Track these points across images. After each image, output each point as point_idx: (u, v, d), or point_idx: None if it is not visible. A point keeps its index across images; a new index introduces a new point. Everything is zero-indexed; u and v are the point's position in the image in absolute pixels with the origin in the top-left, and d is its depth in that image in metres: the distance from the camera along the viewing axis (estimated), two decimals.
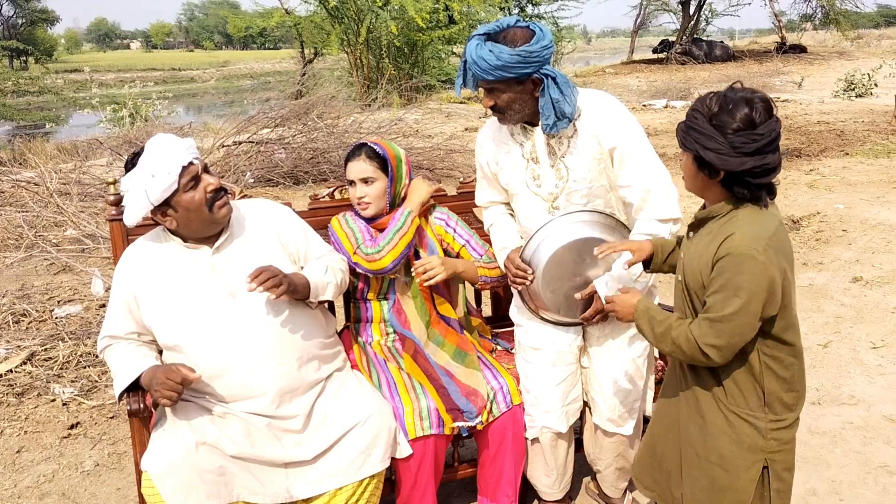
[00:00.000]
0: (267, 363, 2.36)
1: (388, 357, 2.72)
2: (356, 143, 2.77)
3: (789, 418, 1.93)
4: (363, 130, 10.16)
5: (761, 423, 1.90)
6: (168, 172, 2.27)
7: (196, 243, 2.42)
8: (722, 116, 1.78)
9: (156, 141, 2.34)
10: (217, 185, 2.37)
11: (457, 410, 2.50)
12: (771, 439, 1.91)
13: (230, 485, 2.28)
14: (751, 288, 1.77)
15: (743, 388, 1.90)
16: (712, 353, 1.84)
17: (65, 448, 3.43)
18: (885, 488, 2.97)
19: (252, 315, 2.38)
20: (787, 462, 1.96)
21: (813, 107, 15.02)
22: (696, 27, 30.66)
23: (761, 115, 1.78)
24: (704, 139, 1.79)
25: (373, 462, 2.40)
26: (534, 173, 2.47)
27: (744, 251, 1.77)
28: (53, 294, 5.28)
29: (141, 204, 2.29)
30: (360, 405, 2.45)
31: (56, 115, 24.81)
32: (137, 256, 2.45)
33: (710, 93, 1.87)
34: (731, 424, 1.92)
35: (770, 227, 1.83)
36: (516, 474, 2.66)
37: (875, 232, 6.38)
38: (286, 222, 2.61)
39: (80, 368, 4.10)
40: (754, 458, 1.92)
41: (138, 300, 2.40)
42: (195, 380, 2.25)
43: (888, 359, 4.06)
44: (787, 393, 1.91)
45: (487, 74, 2.25)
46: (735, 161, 1.77)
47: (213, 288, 2.38)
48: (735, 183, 1.83)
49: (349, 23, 18.10)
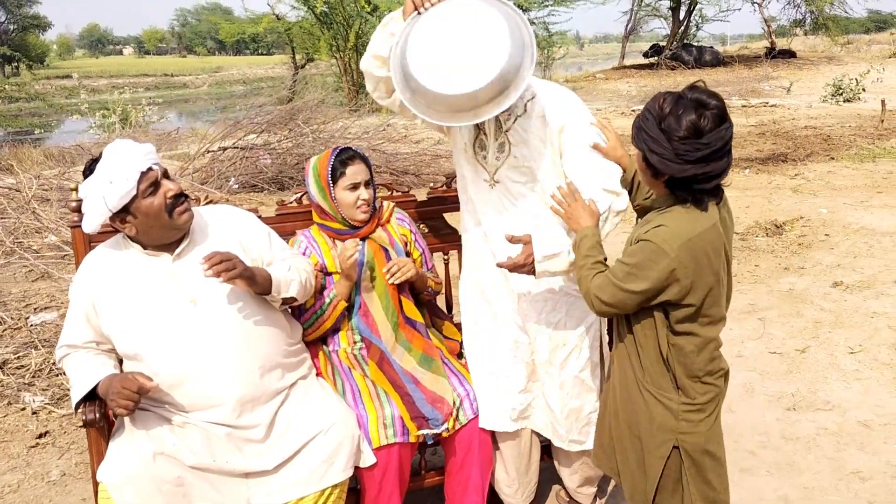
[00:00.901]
0: (228, 372, 2.33)
1: (354, 365, 2.69)
2: (338, 147, 2.73)
3: (700, 401, 1.98)
4: (350, 136, 10.14)
5: (673, 405, 1.98)
6: (126, 178, 2.24)
7: (156, 250, 2.39)
8: (670, 120, 1.79)
9: (114, 147, 2.31)
10: (177, 191, 2.34)
11: (422, 418, 2.47)
12: (682, 420, 1.98)
13: (189, 495, 2.24)
14: (654, 277, 1.86)
15: (656, 371, 2.00)
16: (598, 305, 1.98)
17: (32, 458, 3.38)
18: (856, 494, 2.95)
19: (213, 322, 2.34)
20: (697, 444, 2.00)
21: (801, 112, 15.06)
22: (686, 32, 30.75)
23: (709, 123, 1.77)
24: (651, 142, 1.82)
25: (335, 471, 2.37)
26: (481, 142, 2.47)
27: (660, 244, 1.85)
28: (30, 301, 5.23)
29: (99, 210, 2.26)
30: (323, 414, 2.42)
31: (46, 122, 24.75)
32: (96, 264, 2.42)
33: (667, 92, 1.87)
34: (647, 402, 2.02)
35: (697, 228, 1.87)
36: (483, 482, 2.63)
37: (857, 236, 6.38)
38: (249, 228, 2.57)
39: (52, 377, 4.05)
40: (664, 437, 2.00)
41: (97, 308, 2.36)
42: (152, 388, 2.22)
43: (865, 364, 4.04)
44: (688, 379, 1.97)
45: None
46: (676, 168, 1.80)
47: (173, 295, 2.35)
48: (677, 187, 1.87)
49: (338, 28, 18.10)
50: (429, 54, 2.19)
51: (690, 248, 1.85)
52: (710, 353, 1.98)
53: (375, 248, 2.71)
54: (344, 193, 2.64)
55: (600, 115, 15.40)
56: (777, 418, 3.52)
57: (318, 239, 2.74)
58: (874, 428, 3.42)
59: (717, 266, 1.90)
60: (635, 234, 1.97)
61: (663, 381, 1.99)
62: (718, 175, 1.83)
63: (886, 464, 3.14)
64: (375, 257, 2.70)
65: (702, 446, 2.01)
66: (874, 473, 3.08)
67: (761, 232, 6.59)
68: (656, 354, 1.99)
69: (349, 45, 17.73)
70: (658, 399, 2.00)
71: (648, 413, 2.02)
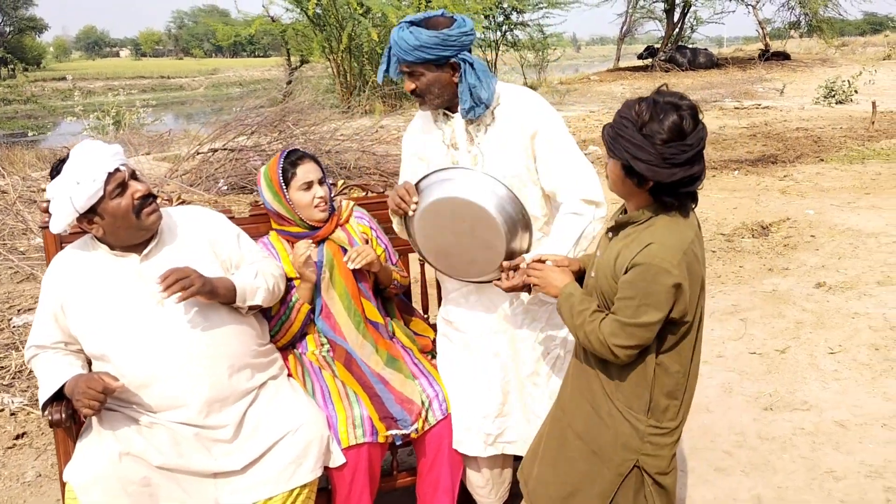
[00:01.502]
0: (195, 372, 2.33)
1: (324, 366, 2.69)
2: (286, 149, 2.73)
3: (668, 427, 1.97)
4: (341, 137, 10.14)
5: (641, 426, 1.95)
6: (93, 179, 2.24)
7: (124, 251, 2.39)
8: (652, 125, 1.77)
9: (81, 147, 2.31)
10: (145, 192, 2.34)
11: (390, 419, 2.47)
12: (647, 442, 1.96)
13: (155, 496, 2.24)
14: (661, 300, 1.82)
15: (632, 391, 1.95)
16: (619, 353, 1.88)
17: (8, 459, 3.38)
18: (829, 494, 2.96)
19: (181, 323, 2.34)
20: (658, 467, 1.98)
21: (793, 113, 15.09)
22: (680, 35, 30.80)
23: (689, 124, 1.77)
24: (635, 149, 1.79)
25: (304, 471, 2.37)
26: (453, 158, 2.47)
27: (658, 263, 1.80)
28: (14, 303, 5.23)
29: (66, 211, 2.26)
30: (292, 414, 2.42)
31: (41, 124, 24.73)
32: (65, 265, 2.42)
33: (638, 98, 1.86)
34: (613, 419, 1.98)
35: (687, 238, 1.86)
36: (453, 483, 2.63)
37: (843, 237, 6.40)
38: (219, 229, 2.58)
39: (31, 378, 4.04)
40: (626, 456, 1.97)
41: (65, 309, 2.36)
42: (118, 388, 2.21)
43: (844, 364, 4.05)
44: (668, 400, 1.95)
45: (407, 55, 2.31)
46: (665, 172, 1.78)
47: (140, 296, 2.35)
48: (663, 192, 1.84)
49: (331, 30, 18.12)
50: (439, 255, 2.44)
51: (687, 261, 1.83)
52: (692, 377, 1.98)
53: (335, 249, 2.70)
54: (298, 194, 2.63)
55: (594, 117, 15.43)
56: (754, 418, 3.52)
57: (277, 245, 2.73)
58: (850, 428, 3.43)
59: (702, 275, 1.91)
60: (618, 256, 1.90)
61: (637, 402, 1.95)
62: (699, 177, 1.83)
63: (861, 463, 3.15)
64: (335, 258, 2.69)
65: (663, 469, 1.99)
66: (848, 473, 3.09)
67: (747, 233, 6.60)
68: (639, 375, 1.93)
69: (342, 47, 17.75)
70: (626, 418, 1.96)
71: (613, 430, 1.98)
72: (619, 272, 1.87)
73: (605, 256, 1.96)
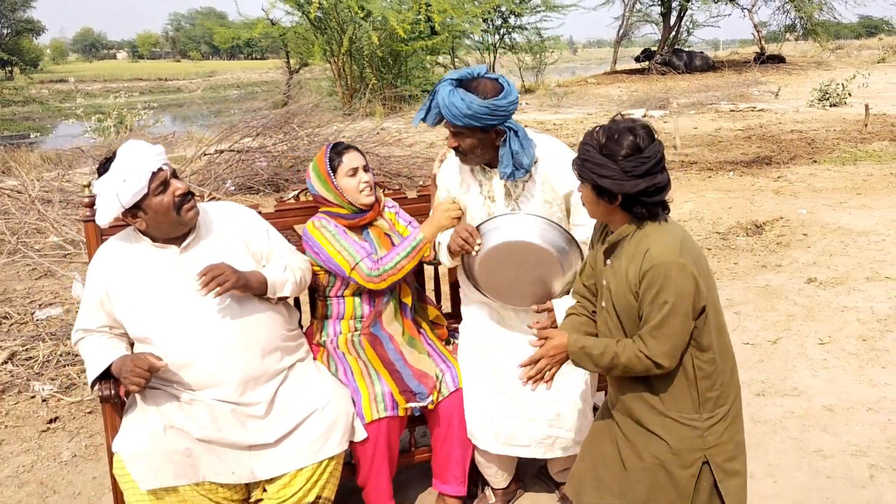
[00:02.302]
0: (231, 354, 2.54)
1: (349, 350, 2.90)
2: (331, 143, 2.94)
3: (720, 412, 2.07)
4: (344, 139, 10.35)
5: (698, 424, 2.05)
6: (139, 178, 2.45)
7: (165, 243, 2.60)
8: (610, 145, 1.97)
9: (127, 147, 2.51)
10: (185, 190, 2.55)
11: (409, 392, 2.68)
12: (709, 436, 2.05)
13: (196, 466, 2.44)
14: (677, 290, 1.94)
15: (678, 395, 2.05)
16: (664, 360, 1.98)
17: (43, 441, 3.58)
18: (817, 471, 3.17)
19: (217, 310, 2.55)
20: (726, 453, 2.08)
21: (787, 116, 15.33)
22: (677, 38, 31.05)
23: (644, 141, 1.97)
24: (599, 168, 1.98)
25: (331, 445, 2.58)
26: (489, 210, 2.71)
27: (664, 259, 1.95)
28: (35, 298, 5.42)
29: (113, 207, 2.47)
30: (319, 392, 2.63)
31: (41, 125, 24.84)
32: (109, 255, 2.62)
33: (596, 126, 2.06)
34: (669, 429, 2.06)
35: (678, 234, 2.03)
36: (464, 457, 2.84)
37: (834, 236, 6.61)
38: (250, 224, 2.79)
39: (59, 367, 4.25)
40: (694, 457, 2.05)
41: (110, 296, 2.57)
42: (162, 367, 2.42)
43: (833, 354, 4.27)
44: (712, 389, 2.05)
45: (457, 120, 2.51)
46: (630, 184, 1.96)
47: (180, 284, 2.55)
48: (633, 204, 2.01)
49: (332, 33, 18.32)
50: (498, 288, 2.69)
51: (689, 251, 1.98)
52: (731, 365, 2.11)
53: (380, 235, 2.94)
54: (346, 180, 2.84)
55: (591, 120, 15.65)
56: (747, 403, 3.69)
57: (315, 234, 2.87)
58: (838, 412, 3.64)
59: (705, 262, 2.05)
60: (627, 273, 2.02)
61: (686, 403, 2.04)
62: (664, 188, 2.00)
63: (847, 443, 3.36)
64: (381, 241, 2.92)
65: (731, 454, 2.09)
66: (835, 452, 3.30)
67: (742, 232, 6.82)
68: (681, 379, 2.04)
69: (343, 50, 17.95)
70: (682, 423, 2.04)
71: (674, 438, 2.05)
72: (634, 286, 2.01)
73: (611, 280, 2.10)
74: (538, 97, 22.10)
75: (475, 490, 2.99)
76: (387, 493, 2.77)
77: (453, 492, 2.85)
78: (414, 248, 2.80)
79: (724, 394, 2.08)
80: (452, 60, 22.83)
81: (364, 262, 2.78)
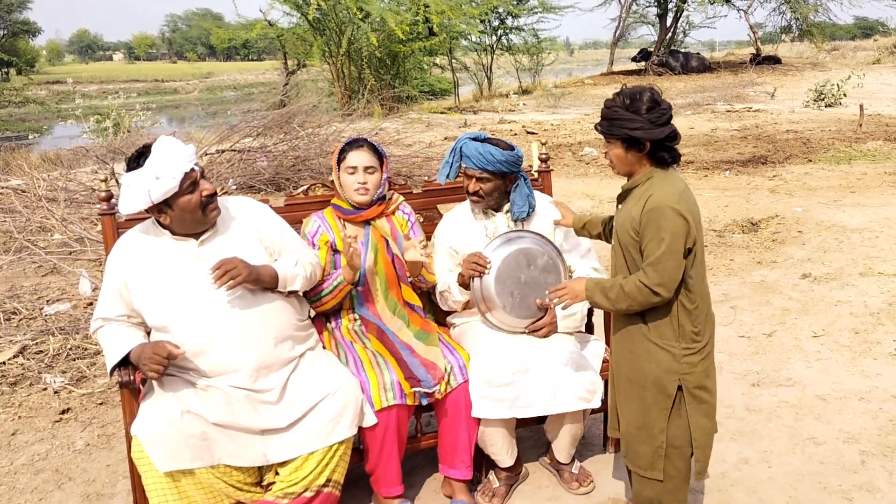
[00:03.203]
0: (245, 342, 2.63)
1: (355, 339, 2.99)
2: (352, 137, 3.06)
3: (696, 346, 2.42)
4: (344, 138, 10.41)
5: (675, 350, 2.41)
6: (172, 177, 2.53)
7: (184, 236, 2.68)
8: (634, 104, 2.34)
9: (161, 144, 2.57)
10: (211, 191, 2.64)
11: (415, 379, 2.77)
12: (683, 363, 2.41)
13: (212, 449, 2.53)
14: (672, 229, 2.28)
15: (663, 324, 2.41)
16: (661, 290, 2.32)
17: (57, 431, 3.66)
18: (810, 457, 3.26)
19: (232, 300, 2.64)
20: (697, 382, 2.42)
21: (783, 116, 15.46)
22: (673, 39, 31.19)
23: (658, 96, 2.37)
24: (629, 122, 2.33)
25: (341, 430, 2.67)
26: None
27: (662, 203, 2.29)
28: (42, 294, 5.50)
29: (141, 201, 2.54)
30: (329, 379, 2.72)
31: (39, 126, 24.90)
32: (129, 246, 2.71)
33: (614, 94, 2.42)
34: (651, 352, 2.43)
35: (679, 186, 2.37)
36: (471, 443, 2.92)
37: (828, 233, 6.72)
38: (264, 218, 2.88)
39: (69, 360, 4.33)
40: (670, 378, 2.42)
41: (129, 286, 2.65)
42: (179, 355, 2.51)
43: (826, 346, 4.37)
44: (692, 325, 2.41)
45: (489, 165, 2.96)
46: (657, 131, 2.33)
47: (197, 276, 2.64)
48: (659, 150, 2.37)
49: (330, 34, 18.41)
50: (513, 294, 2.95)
51: (685, 199, 2.33)
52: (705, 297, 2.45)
53: (377, 236, 3.04)
54: (344, 175, 2.99)
55: (588, 120, 15.75)
56: (742, 393, 3.84)
57: (330, 220, 3.07)
58: (830, 401, 3.74)
59: (698, 213, 2.39)
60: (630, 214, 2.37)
61: (668, 331, 2.40)
62: (677, 135, 2.38)
63: (839, 431, 3.46)
64: (378, 244, 3.02)
65: (700, 382, 2.43)
66: (827, 439, 3.40)
67: (738, 229, 6.92)
68: (665, 311, 2.38)
69: (341, 51, 18.04)
70: (662, 347, 2.40)
71: (655, 360, 2.42)
72: (636, 224, 2.34)
73: (619, 220, 2.46)
74: (535, 98, 22.21)
75: (479, 476, 3.09)
76: (397, 478, 2.86)
77: (460, 476, 2.94)
78: (335, 288, 2.98)
79: (701, 331, 2.43)
80: (450, 62, 22.91)
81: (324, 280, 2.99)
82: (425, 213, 3.42)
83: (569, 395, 2.84)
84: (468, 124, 15.54)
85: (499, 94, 24.03)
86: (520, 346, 2.91)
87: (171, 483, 2.48)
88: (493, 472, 3.06)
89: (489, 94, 23.84)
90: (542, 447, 3.35)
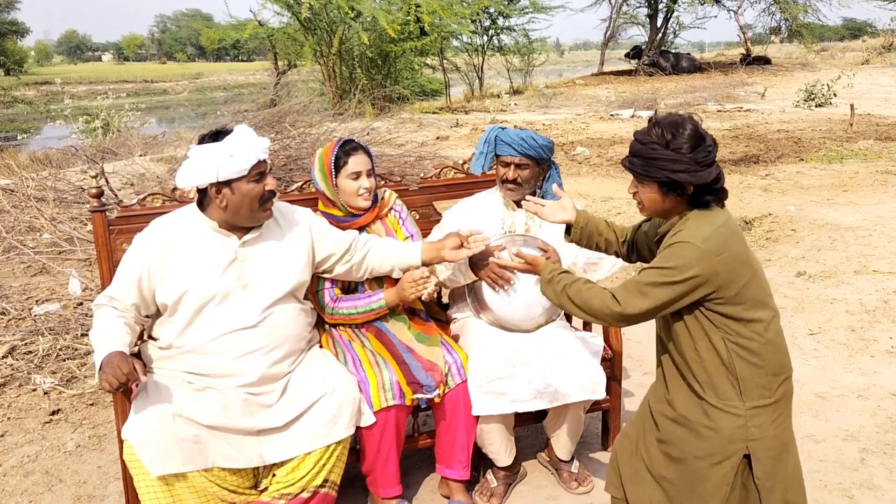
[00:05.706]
0: (260, 351, 2.60)
1: (353, 338, 2.95)
2: (342, 139, 2.97)
3: (766, 402, 2.00)
4: (335, 138, 10.36)
5: (740, 412, 1.99)
6: (246, 159, 2.49)
7: (228, 231, 2.63)
8: (676, 141, 1.98)
9: (243, 129, 2.54)
10: (274, 188, 2.60)
11: (417, 384, 2.73)
12: (751, 427, 1.99)
13: (205, 452, 2.48)
14: (684, 262, 1.95)
15: (717, 380, 2.00)
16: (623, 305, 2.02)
17: (47, 432, 3.60)
18: (809, 454, 3.24)
19: (256, 307, 2.61)
20: (768, 448, 2.01)
21: (774, 116, 15.50)
22: (663, 39, 31.25)
23: (701, 128, 2.01)
24: (672, 164, 1.98)
25: (339, 429, 2.62)
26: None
27: (683, 239, 1.98)
28: (31, 294, 5.43)
29: (208, 175, 2.48)
30: (326, 379, 2.68)
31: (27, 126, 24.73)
32: (163, 230, 2.63)
33: (646, 127, 2.07)
34: (710, 417, 2.01)
35: (717, 221, 2.01)
36: (468, 442, 2.89)
37: (822, 231, 6.72)
38: (315, 224, 2.85)
39: (59, 361, 4.27)
40: (735, 448, 2.00)
41: (152, 272, 2.57)
42: (140, 382, 2.34)
43: (823, 343, 4.36)
44: (762, 377, 2.00)
45: (531, 150, 2.94)
46: (705, 173, 1.98)
47: (230, 275, 2.60)
48: (704, 193, 2.02)
49: (322, 34, 18.32)
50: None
51: (719, 236, 1.96)
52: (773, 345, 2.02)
53: None
54: (346, 182, 2.90)
55: (580, 120, 15.75)
56: None
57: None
58: (828, 399, 3.72)
59: (744, 252, 2.01)
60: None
61: (727, 389, 1.99)
62: (721, 177, 2.03)
63: (837, 429, 3.44)
64: None
65: (775, 450, 2.01)
66: (826, 437, 3.38)
67: None
68: (716, 361, 1.99)
69: (333, 51, 17.97)
70: (724, 411, 1.99)
71: (714, 427, 2.00)
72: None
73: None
74: (527, 98, 22.20)
75: (477, 476, 3.05)
76: (395, 478, 2.83)
77: (458, 476, 2.90)
78: (371, 311, 2.93)
79: (769, 384, 2.01)
80: (441, 62, 22.87)
81: (326, 292, 2.92)
82: (422, 210, 3.38)
83: (571, 386, 2.80)
84: (460, 124, 15.51)
85: (490, 94, 24.00)
86: (519, 340, 2.89)
87: (163, 486, 2.43)
88: (490, 471, 3.03)
89: (480, 95, 23.82)
90: (539, 447, 3.31)
